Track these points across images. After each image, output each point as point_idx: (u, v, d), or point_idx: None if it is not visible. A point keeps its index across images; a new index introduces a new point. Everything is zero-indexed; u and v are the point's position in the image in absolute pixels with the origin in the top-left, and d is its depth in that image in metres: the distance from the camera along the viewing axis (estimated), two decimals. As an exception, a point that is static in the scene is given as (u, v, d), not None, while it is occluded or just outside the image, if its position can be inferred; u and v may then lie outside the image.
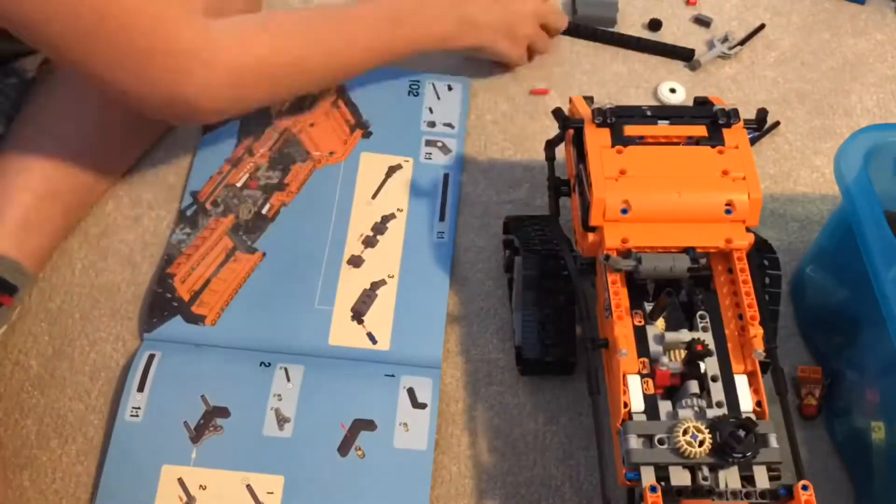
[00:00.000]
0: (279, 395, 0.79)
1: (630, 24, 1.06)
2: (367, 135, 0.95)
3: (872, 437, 0.75)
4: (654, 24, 1.06)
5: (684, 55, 1.03)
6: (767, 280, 0.79)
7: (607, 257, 0.70)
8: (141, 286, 0.86)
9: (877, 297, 0.68)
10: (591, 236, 0.72)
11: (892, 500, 0.73)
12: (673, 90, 1.01)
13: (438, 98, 0.98)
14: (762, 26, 1.07)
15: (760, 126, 0.78)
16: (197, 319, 0.83)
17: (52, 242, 0.84)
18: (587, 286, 0.77)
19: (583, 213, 0.75)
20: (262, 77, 0.79)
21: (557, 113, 0.78)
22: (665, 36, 1.06)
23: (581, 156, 0.75)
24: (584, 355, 0.73)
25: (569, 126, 0.78)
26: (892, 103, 1.02)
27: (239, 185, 0.91)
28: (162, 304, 0.84)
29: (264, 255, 0.87)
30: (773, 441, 0.65)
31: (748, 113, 1.01)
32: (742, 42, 1.05)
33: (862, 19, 1.09)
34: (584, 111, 0.77)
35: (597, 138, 0.74)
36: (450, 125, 0.96)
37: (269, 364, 0.80)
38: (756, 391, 0.68)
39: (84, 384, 0.81)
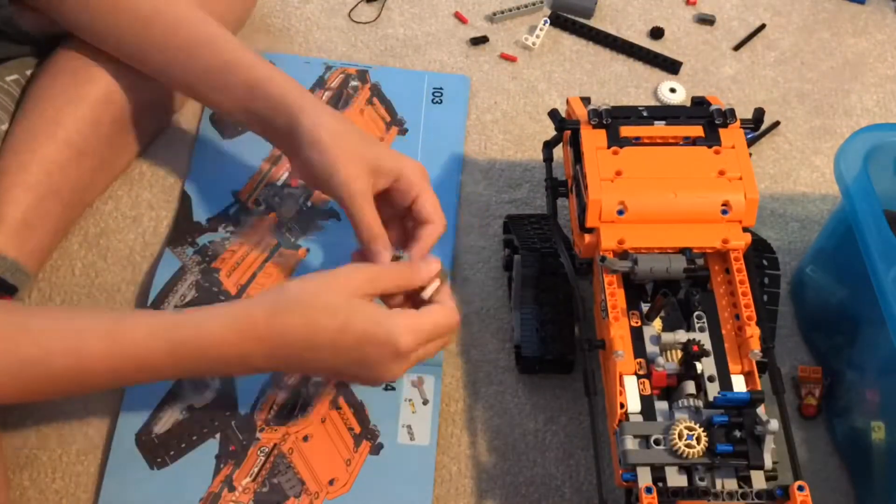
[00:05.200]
0: None
1: (629, 25, 1.06)
2: (402, 132, 0.95)
3: (872, 437, 0.75)
4: (657, 33, 1.06)
5: (672, 68, 1.03)
6: (766, 280, 0.79)
7: (603, 258, 0.71)
8: (142, 286, 0.86)
9: (877, 297, 0.68)
10: (587, 237, 0.73)
11: (893, 500, 0.73)
12: (673, 90, 1.01)
13: (441, 98, 0.98)
14: (762, 26, 1.07)
15: (758, 126, 0.78)
16: None
17: (51, 241, 0.84)
18: (584, 286, 0.77)
19: (579, 215, 0.75)
20: None
21: (554, 114, 0.78)
22: (666, 37, 1.06)
23: (578, 157, 0.75)
24: (582, 354, 0.73)
25: (565, 127, 0.78)
26: (892, 103, 1.02)
27: (279, 183, 0.91)
28: (209, 298, 0.83)
29: (308, 251, 0.87)
30: (771, 444, 0.65)
31: (748, 113, 1.01)
32: (742, 42, 1.05)
33: (862, 19, 1.09)
34: (581, 112, 0.77)
35: (593, 139, 0.74)
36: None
37: None
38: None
39: (84, 384, 0.81)
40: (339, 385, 0.80)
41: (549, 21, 1.05)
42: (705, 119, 0.76)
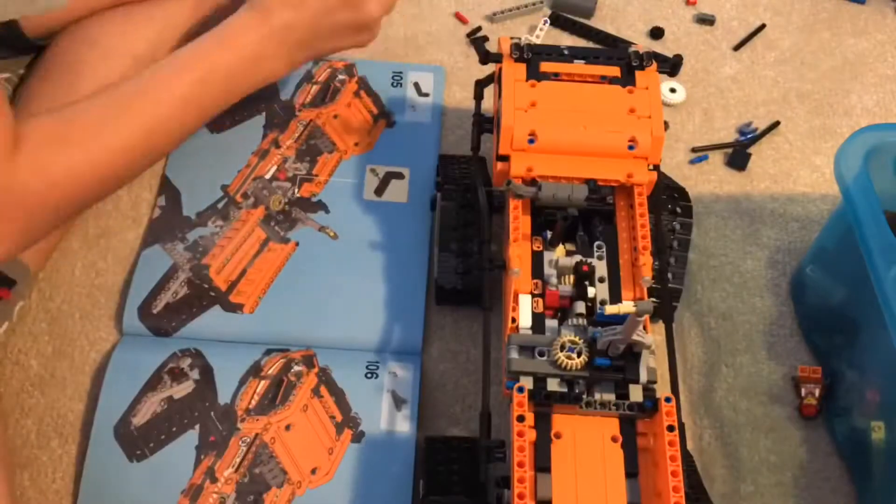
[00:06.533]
0: None
1: (629, 25, 1.06)
2: (390, 124, 0.95)
3: (872, 437, 0.75)
4: (657, 33, 1.06)
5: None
6: (678, 225, 0.82)
7: (509, 182, 0.73)
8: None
9: (877, 297, 0.68)
10: (500, 165, 0.75)
11: (893, 500, 0.73)
12: (673, 90, 1.01)
13: (422, 89, 0.99)
14: (762, 26, 1.07)
15: (674, 70, 0.80)
16: (235, 308, 0.83)
17: (51, 237, 0.83)
18: (497, 218, 0.80)
19: (496, 145, 0.77)
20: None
21: (479, 46, 0.80)
22: (666, 37, 1.06)
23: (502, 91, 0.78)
24: (498, 285, 0.76)
25: (489, 60, 0.80)
26: (892, 103, 1.02)
27: (268, 176, 0.91)
28: (201, 295, 0.84)
29: (297, 244, 0.87)
30: (649, 360, 0.67)
31: (749, 113, 1.01)
32: (742, 42, 1.05)
33: (862, 19, 1.09)
34: (506, 48, 0.79)
35: (513, 72, 0.77)
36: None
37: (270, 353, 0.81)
38: None
39: (84, 384, 0.81)
40: (320, 374, 0.80)
41: (549, 21, 1.05)
42: (623, 61, 0.78)
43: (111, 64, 0.85)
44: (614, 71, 0.78)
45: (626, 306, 0.65)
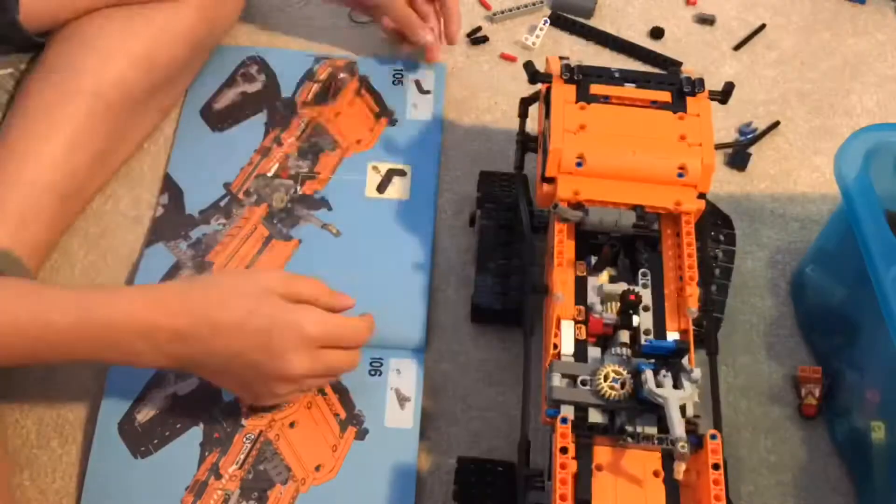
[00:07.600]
0: None
1: (629, 25, 1.06)
2: (392, 122, 0.95)
3: (872, 437, 0.75)
4: (657, 33, 1.05)
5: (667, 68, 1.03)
6: (721, 253, 0.82)
7: (556, 206, 0.72)
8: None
9: (877, 297, 0.68)
10: (545, 187, 0.74)
11: (893, 500, 0.73)
12: (673, 90, 1.01)
13: (424, 87, 0.99)
14: (762, 26, 1.07)
15: (725, 98, 0.79)
16: None
17: (49, 235, 0.83)
18: (540, 238, 0.79)
19: (542, 166, 0.76)
20: None
21: (528, 67, 0.79)
22: (666, 37, 1.05)
23: (549, 112, 0.77)
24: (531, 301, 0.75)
25: (538, 80, 0.79)
26: (892, 103, 1.02)
27: (270, 174, 0.91)
28: None
29: (300, 241, 0.87)
30: (694, 396, 0.66)
31: (749, 113, 1.01)
32: (742, 42, 1.05)
33: (862, 19, 1.09)
34: (555, 68, 0.78)
35: (562, 93, 0.76)
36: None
37: None
38: None
39: (84, 384, 0.81)
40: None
41: (549, 21, 1.05)
42: (675, 86, 0.77)
43: (108, 65, 0.85)
44: (665, 96, 0.76)
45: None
